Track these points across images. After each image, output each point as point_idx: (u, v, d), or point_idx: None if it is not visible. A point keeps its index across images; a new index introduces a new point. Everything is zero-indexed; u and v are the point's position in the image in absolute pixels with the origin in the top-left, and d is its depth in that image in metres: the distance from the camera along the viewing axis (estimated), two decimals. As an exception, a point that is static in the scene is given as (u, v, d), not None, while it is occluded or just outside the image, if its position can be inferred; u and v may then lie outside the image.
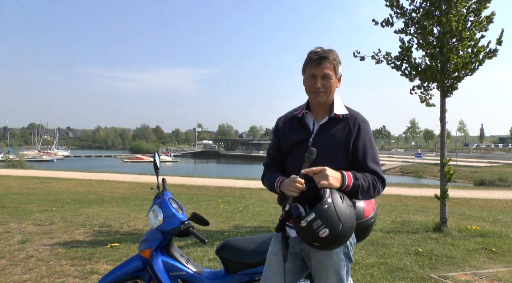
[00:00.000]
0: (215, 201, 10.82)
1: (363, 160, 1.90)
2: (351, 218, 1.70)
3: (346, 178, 1.78)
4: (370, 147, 1.92)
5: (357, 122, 1.93)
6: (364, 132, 1.93)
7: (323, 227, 1.61)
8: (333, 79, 1.91)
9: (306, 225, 1.63)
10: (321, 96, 1.90)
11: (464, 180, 27.90)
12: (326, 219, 1.62)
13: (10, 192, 12.54)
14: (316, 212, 1.62)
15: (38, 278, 3.89)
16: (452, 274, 4.10)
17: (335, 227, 1.62)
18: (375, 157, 1.93)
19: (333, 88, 1.93)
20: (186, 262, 2.50)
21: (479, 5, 5.76)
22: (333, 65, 1.90)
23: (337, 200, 1.67)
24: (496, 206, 11.19)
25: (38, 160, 59.54)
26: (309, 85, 1.93)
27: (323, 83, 1.89)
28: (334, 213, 1.63)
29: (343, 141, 1.89)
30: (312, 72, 1.90)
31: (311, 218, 1.62)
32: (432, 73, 6.02)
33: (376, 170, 1.89)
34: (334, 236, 1.63)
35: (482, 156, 55.12)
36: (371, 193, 1.85)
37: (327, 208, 1.62)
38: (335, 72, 1.91)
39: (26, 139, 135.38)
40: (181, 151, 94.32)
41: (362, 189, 1.80)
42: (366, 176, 1.84)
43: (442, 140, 6.39)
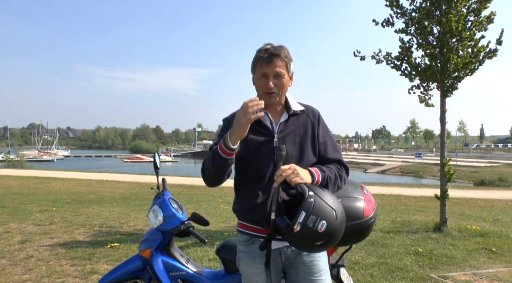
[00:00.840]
0: (215, 201, 10.82)
1: (325, 150, 1.86)
2: (338, 202, 1.61)
3: (314, 173, 1.71)
4: (329, 136, 1.91)
5: (316, 114, 1.91)
6: (323, 124, 1.91)
7: (318, 220, 1.49)
8: (286, 78, 1.79)
9: (301, 227, 1.49)
10: (274, 97, 1.78)
11: (464, 180, 27.90)
12: (318, 210, 1.51)
13: (10, 192, 12.54)
14: (305, 209, 1.50)
15: (38, 278, 3.89)
16: (452, 274, 4.10)
17: (330, 216, 1.52)
18: (336, 146, 1.91)
19: (285, 88, 1.81)
20: (186, 262, 2.50)
21: (479, 5, 5.76)
22: (284, 63, 1.77)
23: (318, 190, 1.58)
24: (496, 206, 11.19)
25: (39, 160, 59.54)
26: (260, 85, 1.79)
27: (275, 83, 1.76)
28: (323, 202, 1.53)
29: (309, 135, 1.84)
30: (263, 71, 1.76)
31: (303, 217, 1.49)
32: (432, 73, 6.03)
33: (339, 158, 1.87)
34: (334, 226, 1.53)
35: (482, 156, 55.12)
36: (339, 183, 1.81)
37: (313, 200, 1.52)
38: (287, 70, 1.79)
39: (26, 139, 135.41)
40: (181, 150, 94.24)
41: (330, 180, 1.75)
42: (331, 167, 1.80)
43: (442, 140, 6.39)
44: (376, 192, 13.84)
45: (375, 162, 47.15)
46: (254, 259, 1.82)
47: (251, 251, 1.84)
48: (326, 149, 1.87)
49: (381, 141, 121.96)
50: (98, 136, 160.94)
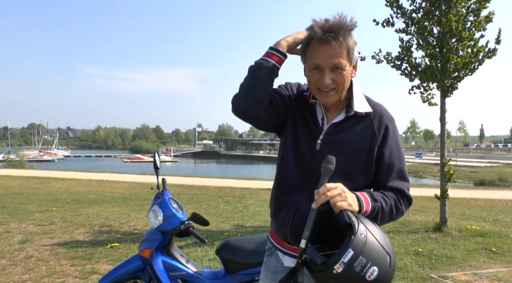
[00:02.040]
0: (215, 201, 10.81)
1: (387, 175, 1.39)
2: (390, 244, 1.24)
3: (363, 201, 1.28)
4: (398, 156, 1.41)
5: (383, 122, 1.40)
6: (392, 137, 1.41)
7: (369, 265, 1.15)
8: (348, 70, 1.34)
9: (344, 269, 1.14)
10: (331, 95, 1.35)
11: (464, 180, 27.90)
12: (371, 253, 1.16)
13: (10, 192, 12.54)
14: (354, 247, 1.14)
15: (38, 278, 3.89)
16: (452, 274, 4.10)
17: (384, 262, 1.17)
18: (403, 171, 1.42)
19: (347, 83, 1.37)
20: (186, 262, 2.50)
21: (479, 5, 5.76)
22: (347, 49, 1.30)
23: (370, 224, 1.22)
24: (496, 206, 11.19)
25: (39, 160, 59.55)
26: (312, 80, 1.36)
27: (334, 78, 1.32)
28: (377, 243, 1.18)
29: (364, 149, 1.37)
30: (316, 62, 1.32)
31: (350, 256, 1.14)
32: (432, 73, 6.03)
33: (401, 188, 1.40)
34: (386, 275, 1.18)
35: (482, 156, 55.11)
36: (394, 217, 1.39)
37: (365, 238, 1.17)
38: (349, 60, 1.33)
39: (26, 139, 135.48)
40: (181, 150, 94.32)
41: (382, 213, 1.33)
42: (387, 196, 1.36)
43: (442, 141, 6.39)
44: (376, 192, 13.81)
45: (375, 162, 47.04)
46: (266, 273, 1.54)
47: (267, 262, 1.56)
48: (390, 173, 1.39)
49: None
50: (98, 136, 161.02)
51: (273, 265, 1.51)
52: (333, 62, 1.29)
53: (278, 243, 1.50)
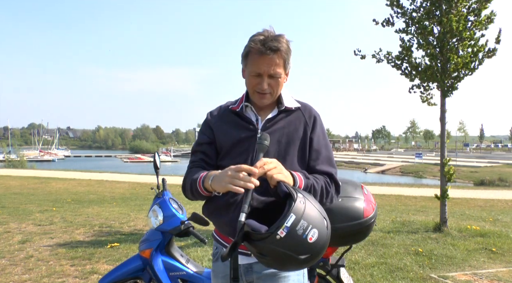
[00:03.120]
0: (215, 201, 10.79)
1: (316, 159, 1.53)
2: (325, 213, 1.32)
3: (296, 178, 1.39)
4: (325, 144, 1.58)
5: (312, 114, 1.59)
6: (320, 127, 1.59)
7: (310, 228, 1.20)
8: (282, 77, 1.50)
9: (287, 232, 1.17)
10: (267, 98, 1.51)
11: (464, 180, 27.89)
12: (310, 216, 1.22)
13: (10, 192, 12.53)
14: (296, 211, 1.20)
15: (38, 278, 3.89)
16: (452, 274, 4.10)
17: (322, 225, 1.24)
18: (331, 157, 1.57)
19: (280, 87, 1.53)
20: (186, 262, 2.50)
21: (480, 5, 5.76)
22: (283, 59, 1.46)
23: (306, 194, 1.30)
24: (496, 206, 11.18)
25: (40, 160, 59.57)
26: (251, 84, 1.50)
27: (270, 83, 1.48)
28: (314, 208, 1.25)
29: (299, 136, 1.53)
30: (256, 70, 1.46)
31: (292, 220, 1.18)
32: (432, 73, 6.03)
33: (329, 171, 1.52)
34: (324, 238, 1.24)
35: (482, 156, 55.12)
36: (324, 199, 1.47)
37: (304, 204, 1.23)
38: (284, 68, 1.49)
39: (26, 139, 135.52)
40: (181, 150, 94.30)
41: (314, 192, 1.43)
42: (318, 178, 1.48)
43: (442, 141, 6.39)
44: (376, 192, 13.83)
45: (375, 162, 47.15)
46: (216, 279, 1.55)
47: (215, 269, 1.57)
48: (318, 157, 1.54)
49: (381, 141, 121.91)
50: (98, 136, 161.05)
51: (221, 270, 1.52)
52: (271, 71, 1.45)
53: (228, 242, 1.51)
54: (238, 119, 1.58)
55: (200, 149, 1.63)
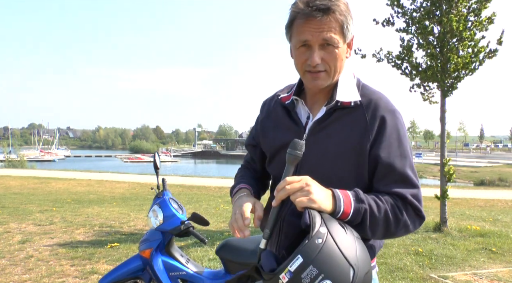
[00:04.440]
0: (215, 201, 10.81)
1: (383, 178, 1.12)
2: (365, 257, 0.98)
3: (341, 200, 1.03)
4: (400, 155, 1.12)
5: (379, 113, 1.13)
6: (391, 131, 1.12)
7: (321, 278, 0.90)
8: (341, 48, 1.11)
9: (290, 279, 0.92)
10: (322, 78, 1.13)
11: (464, 180, 27.91)
12: (325, 261, 0.91)
13: (10, 192, 12.54)
14: (305, 253, 0.92)
15: (38, 278, 3.89)
16: (452, 274, 4.10)
17: (342, 277, 0.92)
18: (406, 174, 1.11)
19: (340, 64, 1.13)
20: (186, 262, 2.50)
21: (480, 5, 5.76)
22: (339, 23, 1.08)
23: (336, 228, 0.97)
24: (496, 206, 11.19)
25: (40, 159, 59.58)
26: (299, 60, 1.14)
27: (324, 57, 1.10)
28: (337, 249, 0.93)
29: (354, 145, 1.12)
30: (303, 37, 1.09)
31: (298, 264, 0.91)
32: (433, 73, 6.03)
33: (402, 193, 1.09)
34: None
35: (482, 156, 55.14)
36: (392, 228, 1.08)
37: (322, 243, 0.92)
38: (343, 35, 1.11)
39: (26, 139, 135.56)
40: (181, 150, 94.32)
41: (373, 219, 1.05)
42: (382, 200, 1.08)
43: (442, 141, 6.39)
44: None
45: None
46: None
47: None
48: (386, 176, 1.11)
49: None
50: (98, 136, 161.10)
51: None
52: (323, 37, 1.07)
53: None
54: (286, 116, 1.25)
55: (248, 148, 1.44)
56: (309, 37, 1.08)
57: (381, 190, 1.11)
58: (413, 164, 1.15)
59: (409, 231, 1.12)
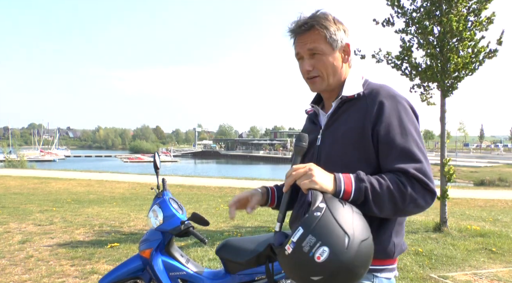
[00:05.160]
0: (215, 201, 10.82)
1: (386, 156, 1.20)
2: (362, 228, 1.07)
3: (342, 181, 1.14)
4: (401, 133, 1.19)
5: (378, 99, 1.24)
6: (391, 112, 1.21)
7: (318, 245, 1.00)
8: (329, 54, 1.30)
9: (294, 248, 1.02)
10: (318, 82, 1.33)
11: (464, 180, 27.90)
12: (321, 231, 1.01)
13: (10, 192, 12.54)
14: (304, 225, 1.03)
15: (38, 278, 3.89)
16: (452, 274, 4.10)
17: (337, 243, 1.01)
18: (408, 148, 1.17)
19: (331, 68, 1.32)
20: (186, 262, 2.50)
21: (480, 5, 5.76)
22: (321, 33, 1.28)
23: (334, 202, 1.08)
24: (496, 206, 11.19)
25: (41, 159, 59.57)
26: (301, 71, 1.38)
27: (313, 64, 1.31)
28: (333, 220, 1.03)
29: (358, 131, 1.23)
30: (296, 51, 1.35)
31: (299, 234, 1.02)
32: (433, 73, 6.03)
33: (404, 168, 1.15)
34: (340, 259, 1.00)
35: (482, 156, 55.15)
36: (399, 203, 1.13)
37: (320, 215, 1.03)
38: (328, 43, 1.29)
39: (26, 139, 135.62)
40: (181, 150, 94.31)
41: (376, 197, 1.12)
42: (384, 177, 1.15)
43: (442, 141, 6.39)
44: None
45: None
46: None
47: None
48: (389, 153, 1.19)
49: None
50: (98, 136, 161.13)
51: None
52: (308, 48, 1.30)
53: None
54: (311, 124, 1.46)
55: None
56: (299, 50, 1.33)
57: (386, 168, 1.19)
58: (420, 142, 1.20)
59: (420, 206, 1.15)
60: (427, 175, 1.15)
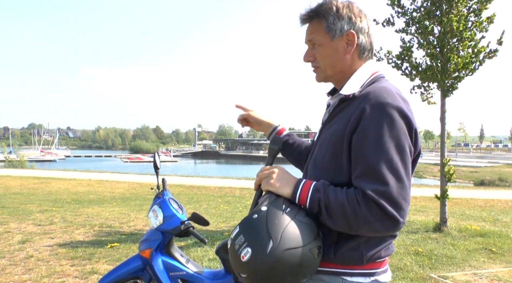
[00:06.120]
0: (215, 201, 10.81)
1: (354, 170, 1.12)
2: (294, 236, 1.06)
3: (300, 187, 1.14)
4: (374, 147, 1.07)
5: (362, 104, 1.13)
6: (369, 122, 1.09)
7: (245, 245, 1.06)
8: (326, 44, 1.23)
9: (230, 244, 1.12)
10: (317, 72, 1.30)
11: (464, 180, 27.91)
12: (250, 232, 1.07)
13: (10, 192, 12.54)
14: (241, 224, 1.11)
15: (38, 278, 3.89)
16: (452, 274, 4.10)
17: (260, 246, 1.04)
18: (375, 168, 1.06)
19: (328, 59, 1.24)
20: (186, 262, 2.50)
21: (480, 5, 5.76)
22: (320, 23, 1.22)
23: (275, 208, 1.10)
24: (496, 206, 11.19)
25: (41, 159, 59.56)
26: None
27: (314, 54, 1.27)
28: (264, 225, 1.06)
29: (336, 136, 1.17)
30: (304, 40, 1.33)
31: (235, 233, 1.11)
32: (433, 73, 6.03)
33: (362, 187, 1.07)
34: (259, 261, 1.03)
35: (482, 156, 55.15)
36: (349, 220, 1.06)
37: (255, 218, 1.09)
38: (328, 33, 1.22)
39: (26, 139, 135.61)
40: (181, 150, 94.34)
41: (329, 209, 1.09)
42: (343, 192, 1.10)
43: (442, 141, 6.39)
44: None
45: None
46: None
47: None
48: (356, 167, 1.11)
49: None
50: (98, 136, 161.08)
51: None
52: (307, 38, 1.28)
53: None
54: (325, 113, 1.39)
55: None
56: (304, 40, 1.31)
57: (353, 182, 1.12)
58: (397, 162, 1.07)
59: (375, 230, 1.07)
60: (392, 200, 1.04)
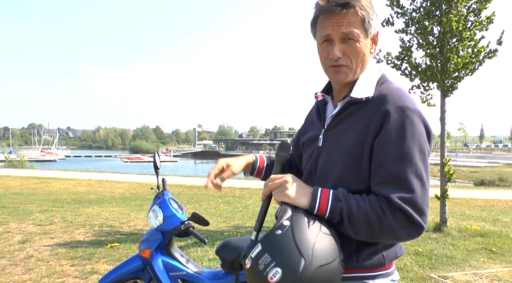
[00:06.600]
0: (215, 201, 10.81)
1: (375, 177, 1.07)
2: (325, 251, 1.00)
3: (318, 197, 1.06)
4: (397, 155, 1.03)
5: (383, 107, 1.07)
6: (393, 127, 1.04)
7: (272, 265, 0.97)
8: (363, 42, 1.12)
9: (251, 264, 1.01)
10: (344, 72, 1.14)
11: (464, 180, 27.89)
12: (278, 251, 0.98)
13: (10, 192, 12.53)
14: (263, 242, 1.01)
15: (38, 278, 3.89)
16: (452, 274, 4.10)
17: (291, 266, 0.97)
18: (401, 176, 1.02)
19: (362, 58, 1.14)
20: (186, 262, 2.50)
21: (480, 5, 5.76)
22: (360, 16, 1.10)
23: (300, 222, 1.02)
24: (496, 206, 11.19)
25: (41, 159, 59.55)
26: (323, 55, 1.16)
27: (345, 51, 1.11)
28: (292, 241, 0.98)
29: (360, 142, 1.09)
30: (325, 32, 1.12)
31: (257, 252, 1.01)
32: (432, 73, 6.03)
33: (387, 195, 1.02)
34: (291, 281, 0.97)
35: (482, 156, 55.15)
36: (375, 230, 1.02)
37: (280, 234, 1.00)
38: (364, 29, 1.12)
39: (26, 139, 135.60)
40: (181, 150, 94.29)
41: (351, 219, 1.03)
42: (365, 199, 1.04)
43: (442, 141, 6.39)
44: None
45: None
46: None
47: None
48: (378, 174, 1.06)
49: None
50: (98, 136, 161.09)
51: None
52: (343, 31, 1.09)
53: None
54: (317, 113, 1.29)
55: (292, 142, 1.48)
56: (330, 31, 1.11)
57: (373, 189, 1.07)
58: (421, 168, 1.03)
59: (399, 237, 1.04)
60: (417, 207, 1.01)
